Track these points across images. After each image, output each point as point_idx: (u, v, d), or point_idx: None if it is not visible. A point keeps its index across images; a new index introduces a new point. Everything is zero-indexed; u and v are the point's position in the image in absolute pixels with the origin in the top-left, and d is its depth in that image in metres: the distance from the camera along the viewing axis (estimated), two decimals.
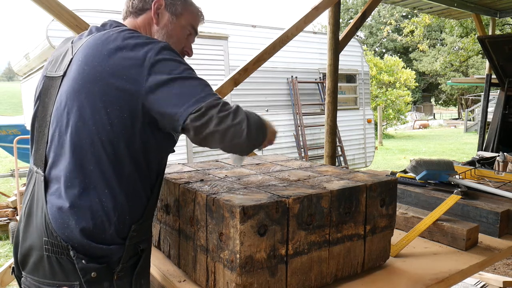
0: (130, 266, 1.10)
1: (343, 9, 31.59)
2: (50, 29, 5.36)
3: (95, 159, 1.04)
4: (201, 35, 6.40)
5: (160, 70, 1.02)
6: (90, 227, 1.03)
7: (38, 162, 1.13)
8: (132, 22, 1.26)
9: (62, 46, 1.24)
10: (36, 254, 1.06)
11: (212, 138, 1.02)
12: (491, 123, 5.10)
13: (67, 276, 1.04)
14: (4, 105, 31.37)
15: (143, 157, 1.10)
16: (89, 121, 1.04)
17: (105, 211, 1.05)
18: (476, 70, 22.68)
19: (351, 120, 8.58)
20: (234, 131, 1.01)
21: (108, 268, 1.06)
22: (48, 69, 1.21)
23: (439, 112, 39.52)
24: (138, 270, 1.12)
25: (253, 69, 3.27)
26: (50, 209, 1.05)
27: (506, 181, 2.08)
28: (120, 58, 1.04)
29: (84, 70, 1.06)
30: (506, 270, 3.71)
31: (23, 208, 1.14)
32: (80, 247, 1.03)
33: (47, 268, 1.05)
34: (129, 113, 1.04)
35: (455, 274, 1.31)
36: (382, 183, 1.27)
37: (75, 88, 1.06)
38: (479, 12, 6.05)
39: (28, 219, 1.11)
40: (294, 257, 1.09)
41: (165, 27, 1.26)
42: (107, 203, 1.05)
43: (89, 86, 1.04)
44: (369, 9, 4.18)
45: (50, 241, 1.04)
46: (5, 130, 8.53)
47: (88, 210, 1.03)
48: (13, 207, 5.30)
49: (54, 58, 1.22)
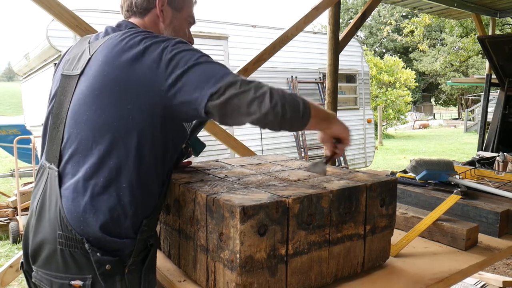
0: (140, 260, 1.12)
1: (343, 9, 31.59)
2: (50, 29, 5.36)
3: (117, 154, 1.06)
4: (201, 35, 6.40)
5: (177, 64, 1.04)
6: (107, 220, 1.05)
7: (51, 158, 1.14)
8: (140, 22, 1.26)
9: (79, 45, 1.25)
10: (49, 248, 1.08)
11: (238, 114, 1.02)
12: (491, 123, 5.10)
13: (80, 269, 1.05)
14: (4, 105, 31.39)
15: (162, 152, 1.13)
16: (110, 119, 1.06)
17: (122, 205, 1.06)
18: (476, 70, 22.67)
19: (351, 120, 8.58)
20: (258, 103, 1.00)
21: (121, 261, 1.07)
22: (65, 67, 1.23)
23: (439, 112, 39.52)
24: (147, 265, 1.14)
25: (253, 69, 3.27)
26: (65, 203, 1.06)
27: (506, 181, 2.08)
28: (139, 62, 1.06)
29: (104, 70, 1.08)
30: (506, 270, 3.71)
31: (35, 203, 1.15)
32: (95, 241, 1.04)
33: (60, 262, 1.06)
34: (151, 111, 1.07)
35: (455, 274, 1.31)
36: (382, 183, 1.27)
37: (95, 87, 1.08)
38: (479, 12, 6.05)
39: (40, 214, 1.12)
40: (294, 257, 1.09)
41: (171, 23, 1.28)
42: (125, 198, 1.07)
43: (111, 86, 1.07)
44: (369, 9, 4.18)
45: (65, 234, 1.05)
46: (5, 130, 8.54)
47: (106, 204, 1.05)
48: (13, 207, 5.30)
49: (71, 57, 1.23)
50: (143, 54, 1.06)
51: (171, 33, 1.27)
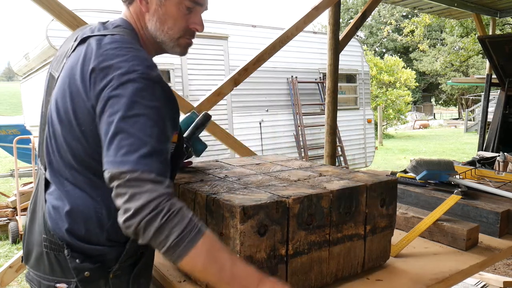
0: (129, 265, 1.10)
1: (343, 9, 31.58)
2: (50, 29, 5.36)
3: (82, 169, 1.03)
4: (201, 35, 6.40)
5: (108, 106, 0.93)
6: (82, 232, 1.03)
7: (41, 160, 1.14)
8: (128, 14, 1.15)
9: (69, 41, 1.17)
10: (37, 250, 1.08)
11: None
12: (491, 123, 5.10)
13: (65, 273, 1.04)
14: (4, 105, 31.38)
15: None
16: (76, 130, 1.02)
17: (99, 217, 1.04)
18: (476, 70, 22.67)
19: (351, 120, 8.58)
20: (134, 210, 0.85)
21: (103, 267, 1.05)
22: (53, 65, 1.19)
23: (439, 112, 39.51)
24: (138, 269, 1.12)
25: (253, 69, 3.28)
26: (48, 208, 1.06)
27: (506, 181, 2.08)
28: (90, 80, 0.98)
29: (65, 82, 1.03)
30: (506, 270, 3.71)
31: (30, 204, 1.16)
32: (74, 246, 1.03)
33: (46, 264, 1.06)
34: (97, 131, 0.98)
35: (455, 274, 1.31)
36: (382, 183, 1.26)
37: (61, 94, 1.04)
38: (479, 12, 6.05)
39: (32, 215, 1.12)
40: (294, 257, 1.09)
41: (156, 12, 1.10)
42: (101, 210, 1.04)
43: (70, 97, 1.01)
44: (369, 9, 4.18)
45: (48, 238, 1.05)
46: (5, 130, 8.53)
47: (81, 214, 1.03)
48: (13, 207, 5.30)
49: (59, 54, 1.18)
50: (96, 70, 0.97)
51: (155, 24, 1.11)
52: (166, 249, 0.86)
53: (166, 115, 0.97)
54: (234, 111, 6.93)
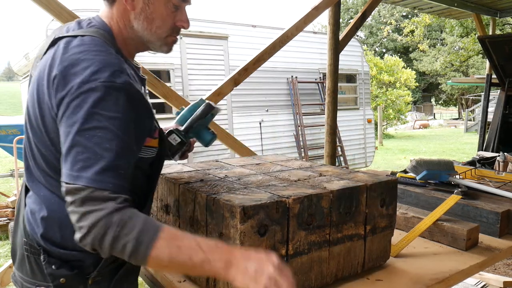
0: (109, 271, 1.07)
1: (343, 9, 31.58)
2: (50, 29, 5.36)
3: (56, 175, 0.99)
4: (201, 35, 6.41)
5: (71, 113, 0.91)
6: (57, 237, 1.02)
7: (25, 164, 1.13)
8: (108, 14, 1.09)
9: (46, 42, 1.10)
10: (20, 252, 1.09)
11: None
12: (491, 123, 5.10)
13: (45, 276, 1.03)
14: (4, 105, 31.37)
15: None
16: (45, 137, 1.00)
17: None
18: (476, 70, 22.67)
19: (351, 120, 8.59)
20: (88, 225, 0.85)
21: (81, 273, 1.03)
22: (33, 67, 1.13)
23: (439, 112, 39.51)
24: (119, 275, 1.09)
25: (253, 69, 3.27)
26: (26, 212, 1.06)
27: (507, 181, 2.08)
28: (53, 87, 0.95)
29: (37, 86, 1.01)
30: (506, 270, 3.71)
31: (16, 205, 1.17)
32: (50, 252, 1.03)
33: (27, 267, 1.06)
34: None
35: (455, 274, 1.31)
36: (382, 183, 1.26)
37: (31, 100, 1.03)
38: (479, 12, 6.04)
39: (16, 217, 1.13)
40: (294, 257, 1.09)
41: (143, 11, 1.06)
42: None
43: (38, 104, 0.99)
44: (369, 9, 4.18)
45: (28, 242, 1.05)
46: (4, 130, 8.52)
47: (57, 220, 1.02)
48: (12, 207, 5.30)
49: (37, 56, 1.13)
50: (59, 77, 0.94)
51: (142, 24, 1.07)
52: (129, 257, 0.86)
53: (131, 124, 0.94)
54: (234, 111, 6.93)
